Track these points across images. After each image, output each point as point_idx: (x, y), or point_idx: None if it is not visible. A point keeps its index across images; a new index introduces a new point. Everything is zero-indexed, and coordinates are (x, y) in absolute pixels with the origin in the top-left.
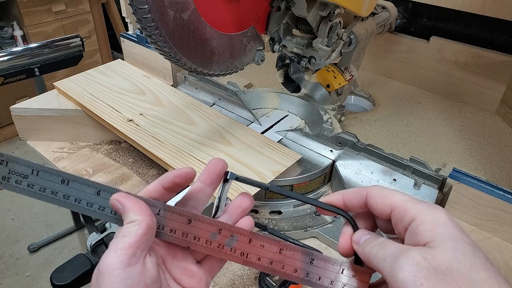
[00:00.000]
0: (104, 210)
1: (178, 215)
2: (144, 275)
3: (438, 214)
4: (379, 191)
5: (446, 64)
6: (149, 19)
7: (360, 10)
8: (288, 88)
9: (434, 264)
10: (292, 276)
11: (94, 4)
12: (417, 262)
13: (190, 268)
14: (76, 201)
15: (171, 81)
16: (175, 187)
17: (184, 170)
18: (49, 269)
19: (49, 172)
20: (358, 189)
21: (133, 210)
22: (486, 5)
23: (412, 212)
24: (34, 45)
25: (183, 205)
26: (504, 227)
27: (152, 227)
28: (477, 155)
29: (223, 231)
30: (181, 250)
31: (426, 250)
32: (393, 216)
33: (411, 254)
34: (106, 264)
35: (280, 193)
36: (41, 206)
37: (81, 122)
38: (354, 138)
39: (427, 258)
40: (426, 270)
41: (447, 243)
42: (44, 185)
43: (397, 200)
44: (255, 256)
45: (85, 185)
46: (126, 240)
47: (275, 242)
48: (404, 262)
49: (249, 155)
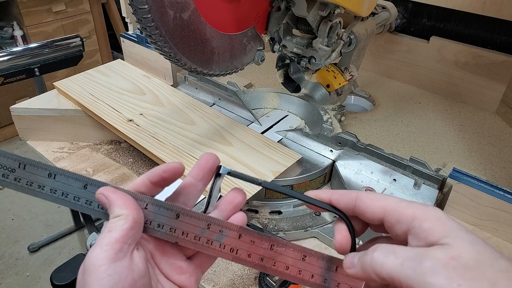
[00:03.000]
0: (91, 204)
1: (166, 209)
2: (131, 269)
3: (437, 211)
4: (369, 195)
5: (446, 64)
6: (149, 19)
7: (360, 10)
8: (288, 88)
9: (462, 262)
10: (283, 274)
11: (94, 4)
12: (446, 262)
13: (180, 264)
14: (63, 195)
15: (171, 81)
16: (163, 182)
17: (172, 164)
18: (49, 269)
19: (36, 166)
20: (347, 192)
21: (118, 205)
22: (486, 5)
23: (409, 211)
24: (34, 45)
25: (173, 201)
26: (504, 227)
27: (139, 221)
28: (477, 155)
29: (212, 226)
30: (171, 245)
31: (448, 248)
32: (387, 219)
33: (436, 255)
34: (92, 260)
35: (274, 189)
36: (41, 206)
37: (81, 122)
38: (354, 138)
39: (454, 256)
40: (458, 269)
41: (463, 236)
42: (31, 179)
43: (389, 202)
44: (245, 253)
45: (72, 178)
46: (112, 235)
47: (266, 238)
48: (434, 264)
49: (249, 155)
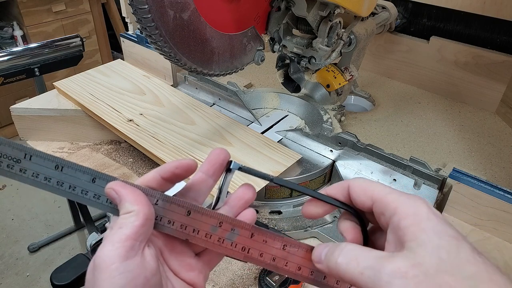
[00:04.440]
0: (99, 198)
1: (177, 206)
2: (143, 267)
3: (420, 207)
4: (360, 184)
5: (446, 64)
6: (149, 19)
7: (360, 10)
8: (288, 88)
9: (423, 270)
10: (296, 274)
11: (94, 4)
12: (405, 272)
13: (189, 261)
14: (70, 188)
15: (171, 81)
16: (175, 178)
17: (185, 161)
18: (49, 269)
19: (43, 157)
20: (340, 183)
21: (129, 200)
22: (486, 5)
23: (393, 205)
24: (34, 45)
25: (183, 196)
26: (504, 227)
27: (150, 218)
28: (477, 155)
29: (224, 224)
30: (180, 242)
31: (411, 254)
32: (375, 209)
33: (396, 264)
34: (103, 258)
35: (286, 186)
36: (41, 206)
37: (81, 122)
38: (354, 138)
39: (415, 264)
40: (417, 279)
41: (432, 241)
42: (37, 171)
43: (378, 192)
44: (257, 252)
45: (80, 171)
46: (123, 232)
47: (278, 238)
48: (391, 276)
49: (249, 155)
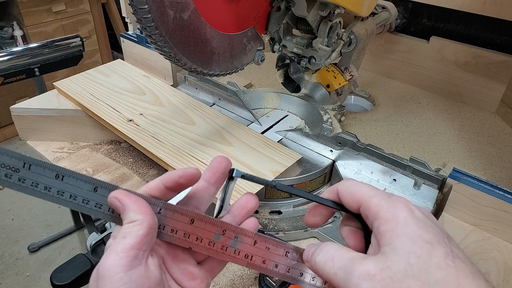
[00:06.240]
0: (101, 207)
1: (180, 214)
2: (147, 277)
3: (399, 212)
4: (348, 187)
5: (446, 64)
6: (149, 19)
7: (360, 10)
8: (288, 88)
9: (391, 274)
10: (298, 280)
11: (94, 4)
12: (374, 275)
13: (191, 270)
14: (71, 198)
15: (171, 81)
16: (178, 187)
17: (189, 170)
18: (49, 269)
19: (42, 166)
20: (330, 188)
21: (133, 209)
22: (486, 5)
23: (374, 209)
24: (34, 45)
25: (185, 205)
26: (504, 227)
27: (154, 227)
28: (477, 155)
29: (227, 232)
30: (182, 250)
31: (383, 258)
32: (362, 212)
33: (366, 267)
34: (107, 268)
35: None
36: (41, 206)
37: (81, 122)
38: (354, 138)
39: (384, 268)
40: (384, 282)
41: (404, 246)
42: (37, 180)
43: (363, 195)
44: (259, 259)
45: (81, 180)
46: (127, 241)
47: (281, 245)
48: (359, 278)
49: (249, 155)
